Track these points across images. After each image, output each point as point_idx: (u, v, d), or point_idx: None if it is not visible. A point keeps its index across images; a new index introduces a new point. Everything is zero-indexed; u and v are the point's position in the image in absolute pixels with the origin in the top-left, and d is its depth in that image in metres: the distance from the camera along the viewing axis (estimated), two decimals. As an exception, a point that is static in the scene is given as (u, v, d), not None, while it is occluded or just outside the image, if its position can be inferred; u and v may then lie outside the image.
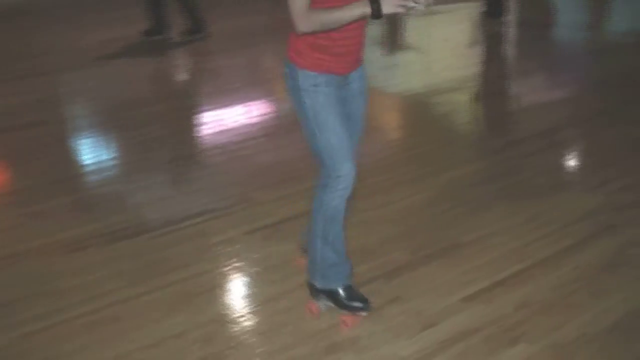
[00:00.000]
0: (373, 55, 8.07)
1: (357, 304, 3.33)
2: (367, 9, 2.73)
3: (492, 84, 7.33)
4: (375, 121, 5.77)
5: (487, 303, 3.48)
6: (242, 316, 3.45)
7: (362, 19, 2.81)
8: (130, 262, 3.93)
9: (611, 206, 4.39)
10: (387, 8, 2.71)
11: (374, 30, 8.90)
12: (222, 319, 3.43)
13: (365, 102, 3.24)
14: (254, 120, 6.22)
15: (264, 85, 7.32)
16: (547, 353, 3.12)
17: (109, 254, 4.02)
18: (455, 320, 3.36)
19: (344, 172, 3.01)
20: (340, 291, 3.34)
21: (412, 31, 9.66)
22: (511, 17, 9.86)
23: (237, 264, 3.89)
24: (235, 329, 3.35)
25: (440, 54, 8.46)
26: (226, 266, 3.89)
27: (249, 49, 8.85)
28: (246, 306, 3.53)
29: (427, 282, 3.65)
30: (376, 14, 2.73)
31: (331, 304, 3.37)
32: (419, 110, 6.53)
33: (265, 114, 6.44)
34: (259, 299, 3.58)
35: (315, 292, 3.40)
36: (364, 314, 3.33)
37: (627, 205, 4.40)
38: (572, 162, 5.27)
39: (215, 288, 3.69)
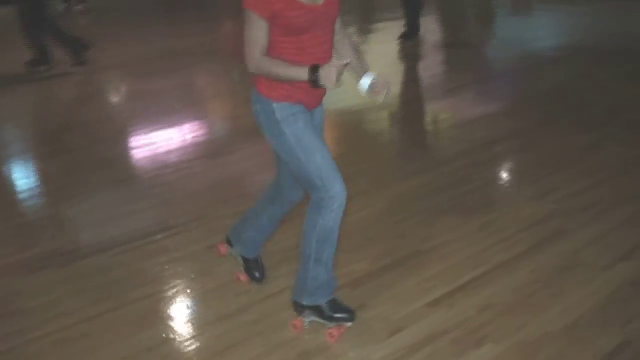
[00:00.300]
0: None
1: (342, 315, 3.37)
2: (308, 78, 2.88)
3: (424, 100, 7.53)
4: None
5: (451, 307, 3.57)
6: (211, 329, 3.46)
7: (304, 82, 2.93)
8: (92, 280, 3.92)
9: (560, 212, 4.55)
10: (323, 81, 2.85)
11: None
12: (192, 332, 3.44)
13: (322, 131, 3.35)
14: (198, 139, 6.27)
15: (204, 105, 7.37)
16: (513, 352, 3.23)
17: (69, 273, 4.00)
18: (422, 324, 3.44)
19: (337, 191, 3.07)
20: (325, 305, 3.37)
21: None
22: (430, 37, 10.19)
23: (201, 278, 3.91)
24: (207, 342, 3.36)
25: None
26: (191, 280, 3.90)
27: (186, 70, 8.90)
28: (216, 319, 3.54)
29: (391, 290, 3.73)
30: (312, 84, 2.88)
31: (316, 319, 3.39)
32: (356, 127, 6.64)
33: (203, 134, 6.48)
34: (227, 311, 3.60)
35: (299, 308, 3.42)
36: (349, 324, 3.37)
37: (576, 210, 4.57)
38: (518, 171, 5.42)
39: (183, 302, 3.71)
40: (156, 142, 6.17)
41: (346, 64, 2.89)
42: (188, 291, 3.81)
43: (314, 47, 2.99)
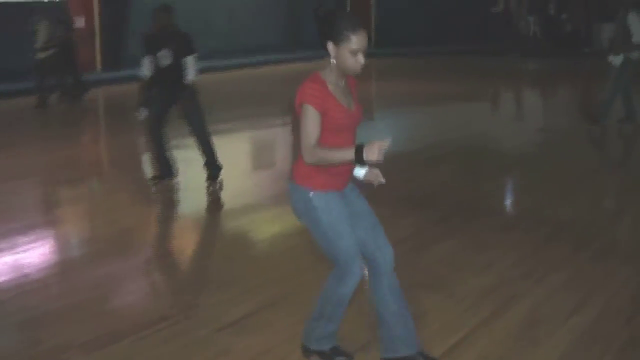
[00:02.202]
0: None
1: (342, 359, 4.03)
2: (355, 159, 3.55)
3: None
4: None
5: (455, 361, 4.19)
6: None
7: (351, 162, 3.62)
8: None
9: (505, 281, 5.31)
10: (370, 156, 3.49)
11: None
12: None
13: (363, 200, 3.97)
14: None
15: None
16: None
17: (99, 361, 4.25)
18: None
19: (356, 271, 3.77)
20: (329, 350, 4.02)
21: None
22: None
23: (227, 357, 4.29)
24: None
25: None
26: (218, 358, 4.27)
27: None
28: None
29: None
30: (359, 161, 3.54)
31: None
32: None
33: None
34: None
35: (307, 352, 4.06)
36: None
37: (517, 279, 5.36)
38: (449, 254, 6.11)
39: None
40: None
41: (388, 142, 3.52)
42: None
43: (346, 145, 3.68)
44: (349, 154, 3.55)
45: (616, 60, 10.62)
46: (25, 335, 4.64)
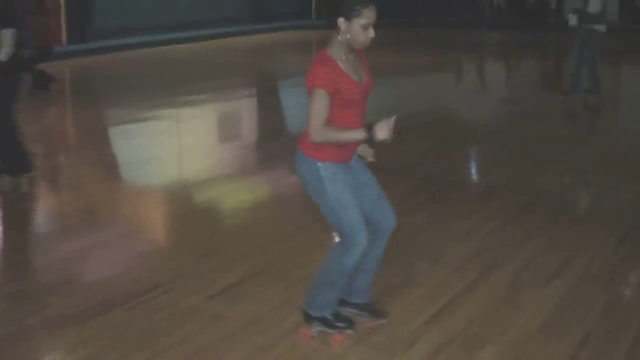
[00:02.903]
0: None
1: (343, 324, 4.09)
2: (365, 139, 3.68)
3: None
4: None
5: (443, 323, 4.32)
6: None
7: (360, 142, 3.76)
8: (121, 332, 4.25)
9: (486, 248, 5.45)
10: (380, 135, 3.63)
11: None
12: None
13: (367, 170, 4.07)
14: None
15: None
16: (509, 349, 4.05)
17: (94, 329, 4.29)
18: (429, 337, 4.14)
19: (360, 240, 3.84)
20: (330, 316, 4.07)
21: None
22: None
23: (220, 323, 4.35)
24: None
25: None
26: (212, 324, 4.33)
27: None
28: (256, 351, 4.03)
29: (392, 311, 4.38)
30: (369, 140, 3.67)
31: (323, 328, 4.07)
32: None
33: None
34: (261, 345, 4.10)
35: (309, 319, 4.11)
36: (350, 332, 4.08)
37: (498, 245, 5.50)
38: (433, 220, 6.23)
39: (215, 343, 4.14)
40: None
41: (395, 119, 3.62)
42: (217, 333, 4.25)
43: (358, 117, 3.80)
44: (359, 135, 3.67)
45: (572, 19, 10.77)
46: (16, 307, 4.64)
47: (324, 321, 4.07)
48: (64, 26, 16.82)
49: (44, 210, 6.85)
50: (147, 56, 16.77)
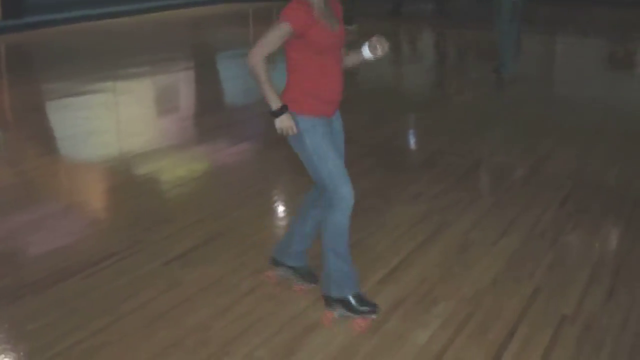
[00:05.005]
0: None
1: (367, 309, 4.00)
2: (271, 108, 3.74)
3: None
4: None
5: (397, 282, 4.45)
6: (217, 321, 4.03)
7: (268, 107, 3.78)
8: (78, 301, 4.25)
9: (435, 209, 5.59)
10: (278, 122, 3.76)
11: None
12: (203, 326, 3.97)
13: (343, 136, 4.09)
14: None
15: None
16: (463, 305, 4.20)
17: (51, 298, 4.28)
18: (384, 296, 4.26)
19: (345, 194, 3.82)
20: (352, 299, 3.98)
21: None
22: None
23: (179, 288, 4.40)
24: (220, 333, 3.92)
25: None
26: (171, 289, 4.38)
27: None
28: (216, 313, 4.09)
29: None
30: (271, 114, 3.76)
31: (345, 312, 4.00)
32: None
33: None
34: (221, 306, 4.16)
35: (330, 302, 4.04)
36: (374, 316, 4.01)
37: (446, 207, 5.65)
38: (383, 184, 6.34)
39: (176, 306, 4.18)
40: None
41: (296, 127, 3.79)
42: (177, 297, 4.29)
43: (333, 67, 3.82)
44: (272, 101, 3.73)
45: None
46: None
47: (346, 304, 3.98)
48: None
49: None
50: (84, 30, 16.43)
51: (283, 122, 3.74)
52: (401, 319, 4.04)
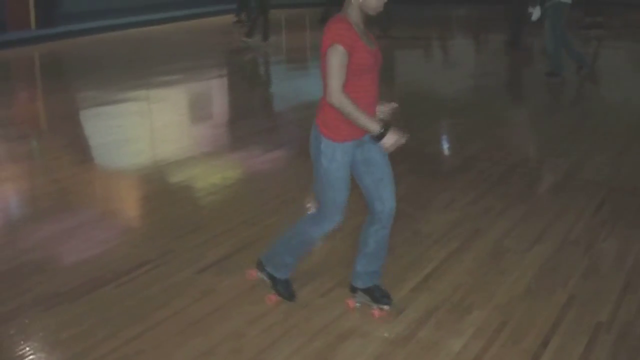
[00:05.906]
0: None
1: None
2: (374, 133, 3.72)
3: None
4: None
5: (431, 290, 4.42)
6: (250, 329, 4.04)
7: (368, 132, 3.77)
8: (111, 309, 4.29)
9: (468, 217, 5.55)
10: (387, 140, 3.74)
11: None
12: (236, 334, 3.97)
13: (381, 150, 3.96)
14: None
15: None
16: (496, 313, 4.16)
17: (84, 307, 4.32)
18: (418, 304, 4.23)
19: (335, 218, 3.99)
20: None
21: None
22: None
23: (211, 296, 4.41)
24: (253, 341, 3.93)
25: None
26: (204, 297, 4.39)
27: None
28: (249, 321, 4.10)
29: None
30: (376, 138, 3.74)
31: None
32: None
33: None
34: (254, 314, 4.18)
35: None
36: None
37: (479, 214, 5.60)
38: (415, 190, 6.30)
39: (209, 314, 4.20)
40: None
41: (404, 140, 3.79)
42: (210, 305, 4.30)
43: (372, 86, 3.80)
44: (372, 126, 3.70)
45: (535, 13, 10.64)
46: (10, 285, 4.65)
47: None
48: (32, 11, 16.60)
49: (20, 195, 6.76)
50: (117, 39, 16.62)
51: (389, 140, 3.73)
52: (435, 327, 4.01)
